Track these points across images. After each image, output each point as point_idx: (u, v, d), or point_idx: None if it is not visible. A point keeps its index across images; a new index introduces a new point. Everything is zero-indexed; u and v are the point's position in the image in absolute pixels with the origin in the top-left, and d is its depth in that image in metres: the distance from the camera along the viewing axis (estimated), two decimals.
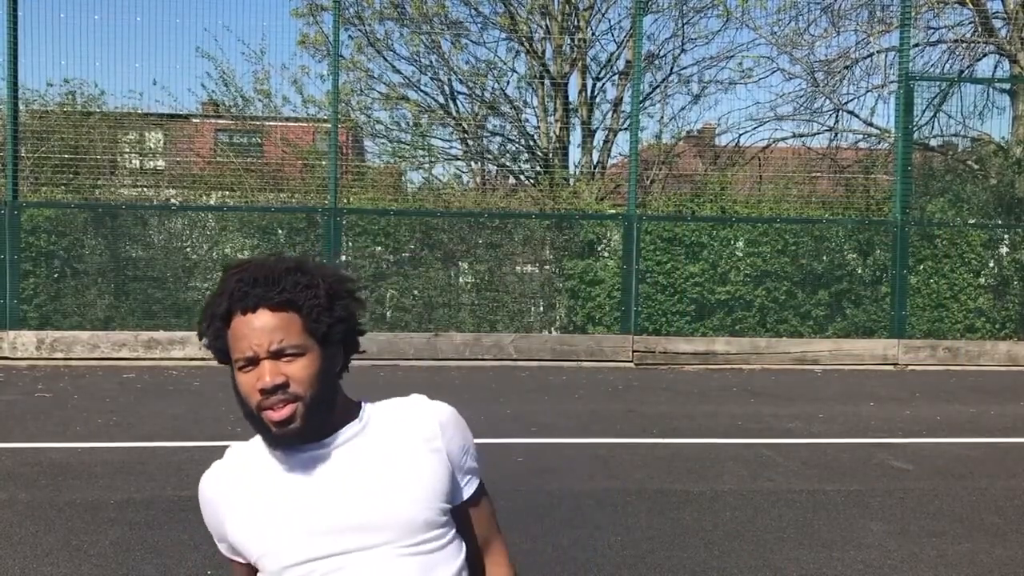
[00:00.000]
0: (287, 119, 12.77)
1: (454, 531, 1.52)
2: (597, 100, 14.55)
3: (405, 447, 1.50)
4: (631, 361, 10.69)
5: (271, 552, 1.46)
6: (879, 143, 14.08)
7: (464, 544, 1.54)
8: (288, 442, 1.46)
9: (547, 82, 14.12)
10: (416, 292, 10.96)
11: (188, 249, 11.09)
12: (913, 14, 12.06)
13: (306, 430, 1.45)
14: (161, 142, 13.11)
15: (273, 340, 1.43)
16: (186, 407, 7.53)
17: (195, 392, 8.28)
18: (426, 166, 13.61)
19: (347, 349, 1.55)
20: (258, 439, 1.54)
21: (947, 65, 14.51)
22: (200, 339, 1.53)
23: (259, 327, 1.43)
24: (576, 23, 14.05)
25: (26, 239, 10.43)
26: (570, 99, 14.25)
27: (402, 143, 13.53)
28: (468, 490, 1.57)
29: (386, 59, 13.60)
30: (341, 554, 1.43)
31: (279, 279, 1.45)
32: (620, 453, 6.11)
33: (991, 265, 11.79)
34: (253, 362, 1.44)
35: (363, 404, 1.57)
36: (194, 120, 12.94)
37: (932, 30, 14.49)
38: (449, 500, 1.52)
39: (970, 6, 14.15)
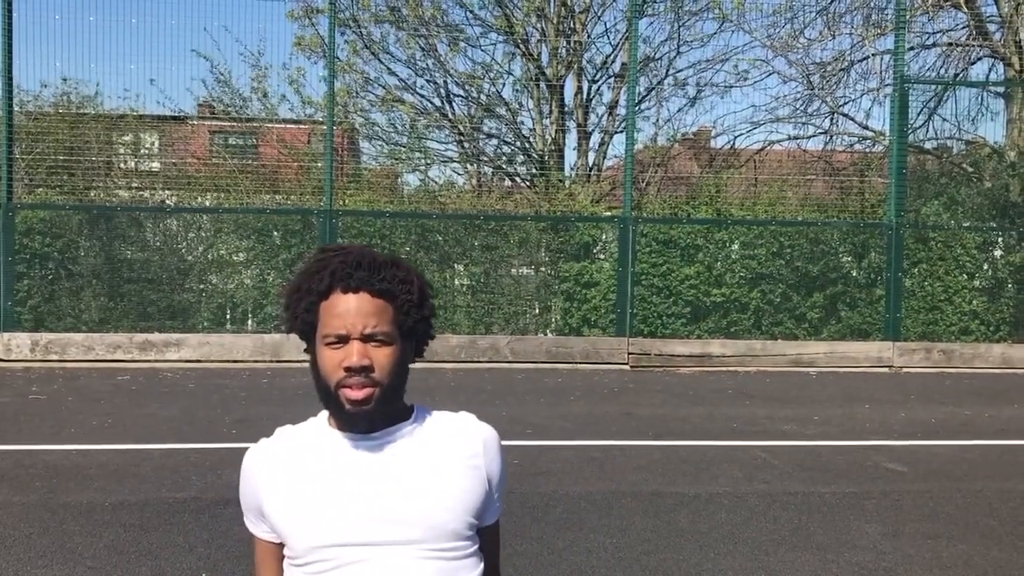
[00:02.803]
0: (283, 121, 12.76)
1: (477, 547, 1.57)
2: (593, 103, 14.56)
3: (448, 457, 1.55)
4: (626, 363, 10.69)
5: (303, 530, 1.50)
6: (874, 146, 14.11)
7: (482, 561, 1.59)
8: (359, 422, 1.52)
9: (543, 85, 14.12)
10: None
11: (183, 251, 11.07)
12: (908, 17, 12.09)
13: (376, 415, 1.51)
14: (156, 143, 13.08)
15: (368, 323, 1.49)
16: (181, 409, 7.51)
17: (190, 394, 8.26)
18: (422, 168, 13.61)
19: (416, 350, 1.63)
20: (307, 424, 1.62)
21: (942, 68, 14.55)
22: (286, 311, 1.57)
23: (356, 308, 1.49)
24: (572, 26, 14.07)
25: (20, 241, 10.41)
26: (566, 102, 14.26)
27: (398, 145, 13.53)
28: (493, 516, 1.64)
29: (382, 61, 13.61)
30: (369, 545, 1.47)
31: (380, 268, 1.52)
32: (615, 455, 6.11)
33: (985, 268, 11.83)
34: (344, 340, 1.49)
35: (415, 408, 1.62)
36: (190, 122, 12.92)
37: (927, 34, 14.53)
38: (478, 517, 1.56)
39: (964, 10, 14.19)
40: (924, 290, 11.39)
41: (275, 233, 10.96)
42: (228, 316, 11.02)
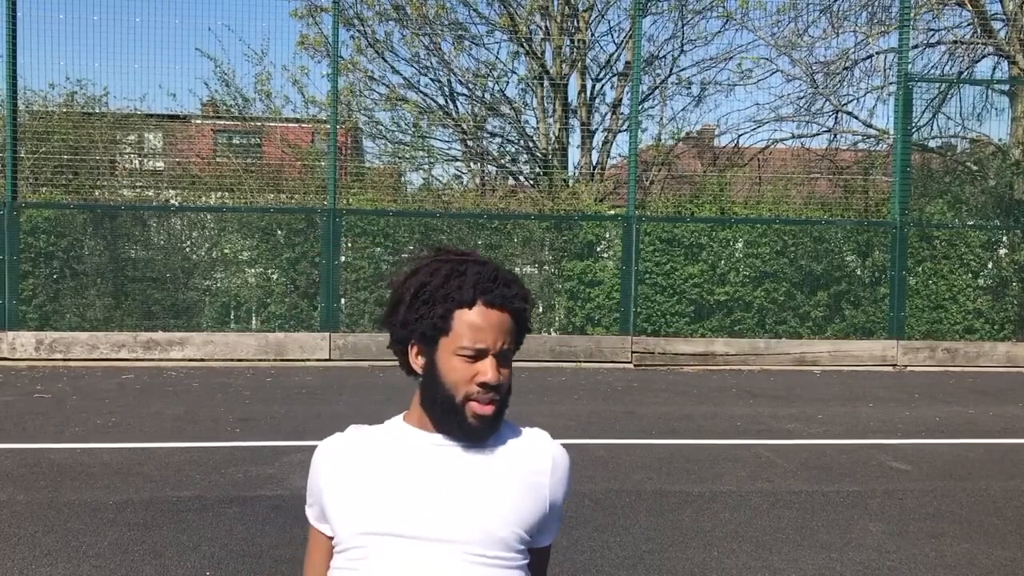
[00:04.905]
0: (286, 120, 12.76)
1: (525, 562, 1.55)
2: (596, 101, 14.56)
3: (512, 467, 1.55)
4: (630, 362, 10.69)
5: (352, 515, 1.50)
6: (878, 144, 14.09)
7: None
8: (481, 436, 1.53)
9: (546, 83, 14.12)
10: None
11: (187, 250, 11.09)
12: (912, 15, 12.07)
13: (495, 431, 1.55)
14: (161, 143, 13.10)
15: (505, 341, 1.51)
16: (185, 408, 7.53)
17: (194, 393, 8.28)
18: (425, 167, 13.62)
19: None
20: (382, 425, 1.61)
21: (946, 66, 14.52)
22: (407, 310, 1.54)
23: (498, 324, 1.50)
24: (576, 24, 14.06)
25: (25, 240, 10.43)
26: (569, 100, 14.26)
27: (402, 144, 13.54)
28: (548, 538, 1.63)
29: (386, 60, 13.61)
30: (415, 538, 1.46)
31: (511, 284, 1.53)
32: (619, 454, 6.11)
33: (990, 266, 11.80)
34: (481, 355, 1.49)
35: None
36: (194, 121, 12.93)
37: (931, 31, 14.50)
38: (531, 533, 1.55)
39: (969, 8, 14.16)
40: (928, 289, 11.37)
41: (279, 232, 10.96)
42: (232, 315, 11.03)
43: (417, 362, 1.55)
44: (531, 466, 1.56)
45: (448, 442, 1.53)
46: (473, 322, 1.48)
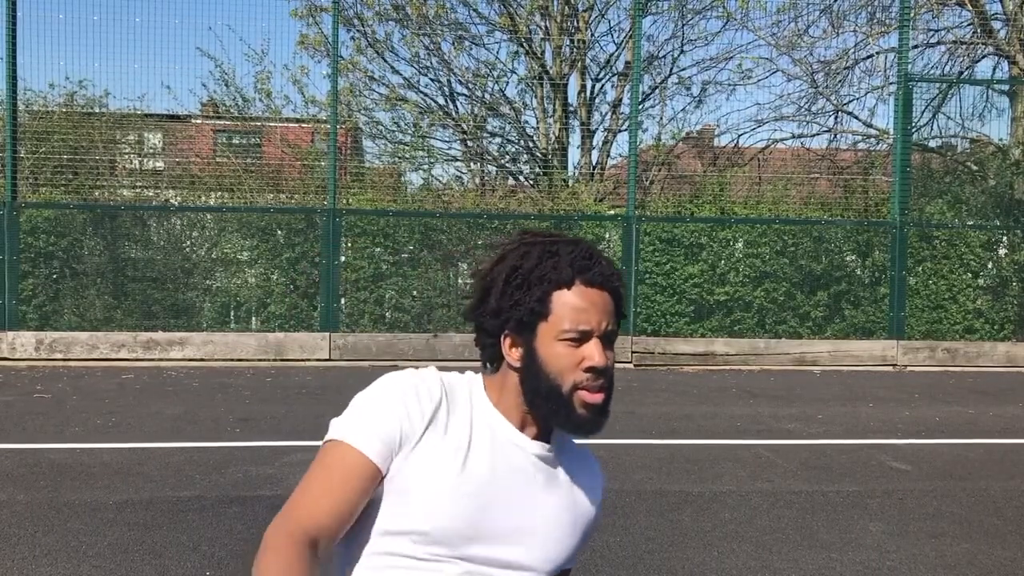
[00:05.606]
0: (286, 120, 12.76)
1: None
2: (596, 101, 14.56)
3: (573, 501, 1.49)
4: (630, 362, 10.68)
5: (434, 506, 1.37)
6: (878, 144, 14.10)
7: None
8: (593, 428, 1.43)
9: (546, 83, 14.12)
10: (415, 293, 10.97)
11: (187, 250, 11.09)
12: (912, 15, 12.07)
13: (606, 422, 1.43)
14: (161, 143, 13.11)
15: (609, 322, 1.40)
16: (185, 408, 7.53)
17: (194, 393, 8.27)
18: (425, 167, 13.62)
19: None
20: (465, 385, 1.48)
21: (946, 66, 14.53)
22: (499, 298, 1.40)
23: (601, 304, 1.39)
24: (575, 24, 14.06)
25: (25, 240, 10.43)
26: (569, 100, 14.26)
27: (402, 144, 13.54)
28: (571, 563, 1.58)
29: (385, 60, 13.62)
30: (470, 559, 1.39)
31: (609, 263, 1.42)
32: (619, 454, 6.11)
33: (990, 266, 11.81)
34: (585, 337, 1.38)
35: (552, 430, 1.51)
36: (194, 121, 12.93)
37: (931, 31, 14.51)
38: (561, 567, 1.51)
39: (969, 7, 14.16)
40: (928, 288, 11.37)
41: (279, 232, 10.96)
42: (232, 315, 11.03)
43: (512, 354, 1.42)
44: (586, 501, 1.51)
45: (529, 447, 1.45)
46: (574, 303, 1.37)
